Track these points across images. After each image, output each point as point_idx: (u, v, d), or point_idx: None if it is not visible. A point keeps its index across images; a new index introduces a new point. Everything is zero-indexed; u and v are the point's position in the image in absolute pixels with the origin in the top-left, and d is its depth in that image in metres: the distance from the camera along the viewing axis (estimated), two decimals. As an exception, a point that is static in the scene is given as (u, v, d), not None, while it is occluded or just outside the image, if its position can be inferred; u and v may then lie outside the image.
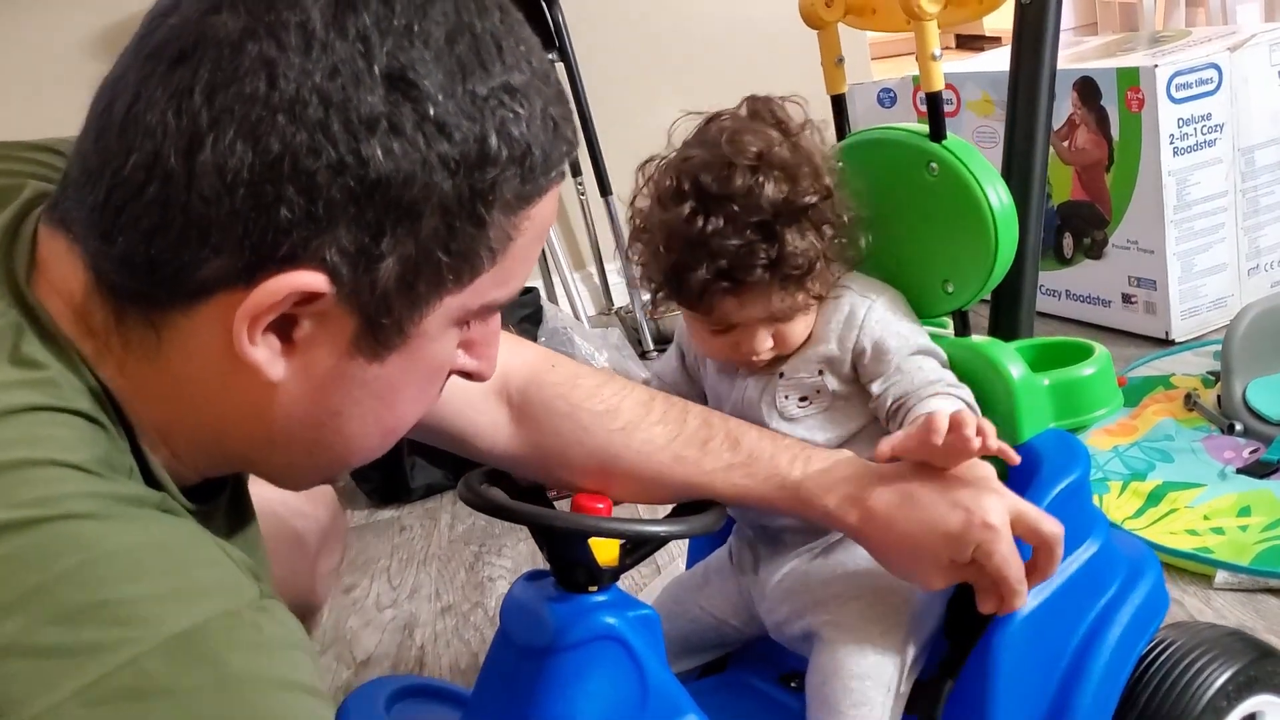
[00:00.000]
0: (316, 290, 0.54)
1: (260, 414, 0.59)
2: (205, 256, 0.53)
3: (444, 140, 0.54)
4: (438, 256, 0.56)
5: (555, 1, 2.76)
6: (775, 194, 0.83)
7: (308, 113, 0.52)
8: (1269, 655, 0.93)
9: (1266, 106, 2.10)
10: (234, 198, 0.52)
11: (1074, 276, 2.27)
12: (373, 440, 0.63)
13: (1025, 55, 0.99)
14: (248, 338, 0.55)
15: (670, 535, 0.79)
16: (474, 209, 0.56)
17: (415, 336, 0.58)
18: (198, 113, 0.52)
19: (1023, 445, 0.88)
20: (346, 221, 0.53)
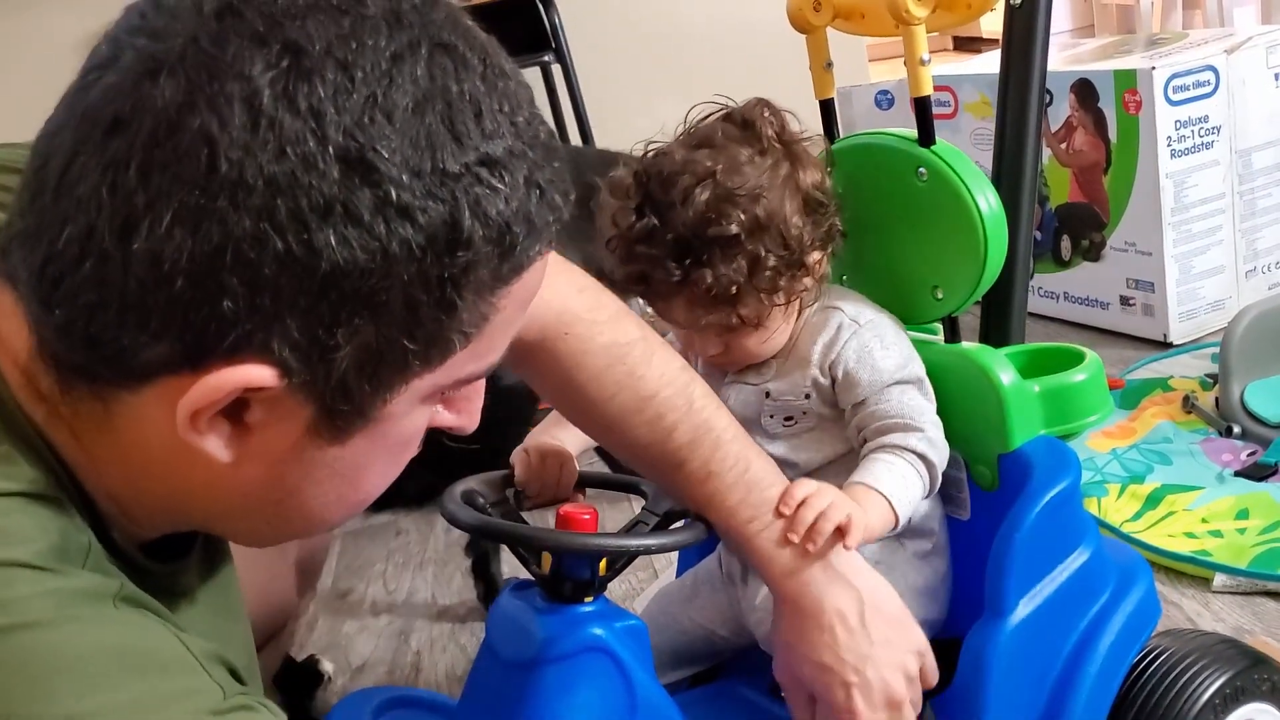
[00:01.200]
0: (263, 385, 0.50)
1: (216, 491, 0.55)
2: (145, 341, 0.49)
3: (407, 225, 0.49)
4: (402, 344, 0.51)
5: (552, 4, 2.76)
6: (693, 218, 0.82)
7: (252, 199, 0.47)
8: (1260, 663, 0.93)
9: (1264, 109, 2.10)
10: (172, 286, 0.48)
11: (1072, 279, 2.27)
12: (337, 514, 0.60)
13: (1015, 59, 0.99)
14: (192, 427, 0.51)
15: (657, 549, 0.78)
16: (443, 294, 0.51)
17: (380, 419, 0.54)
18: (133, 192, 0.47)
19: (1013, 452, 0.88)
20: (297, 313, 0.49)
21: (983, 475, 0.91)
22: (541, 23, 2.75)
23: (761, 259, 0.83)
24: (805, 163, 0.87)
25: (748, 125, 0.86)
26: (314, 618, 1.64)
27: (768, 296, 0.85)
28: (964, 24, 0.88)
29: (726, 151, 0.84)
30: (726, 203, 0.82)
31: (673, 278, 0.83)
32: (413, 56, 0.50)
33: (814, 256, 0.88)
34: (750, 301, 0.85)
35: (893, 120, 2.51)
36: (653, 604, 1.01)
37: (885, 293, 0.94)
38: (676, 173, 0.83)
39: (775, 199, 0.84)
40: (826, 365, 0.89)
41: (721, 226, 0.82)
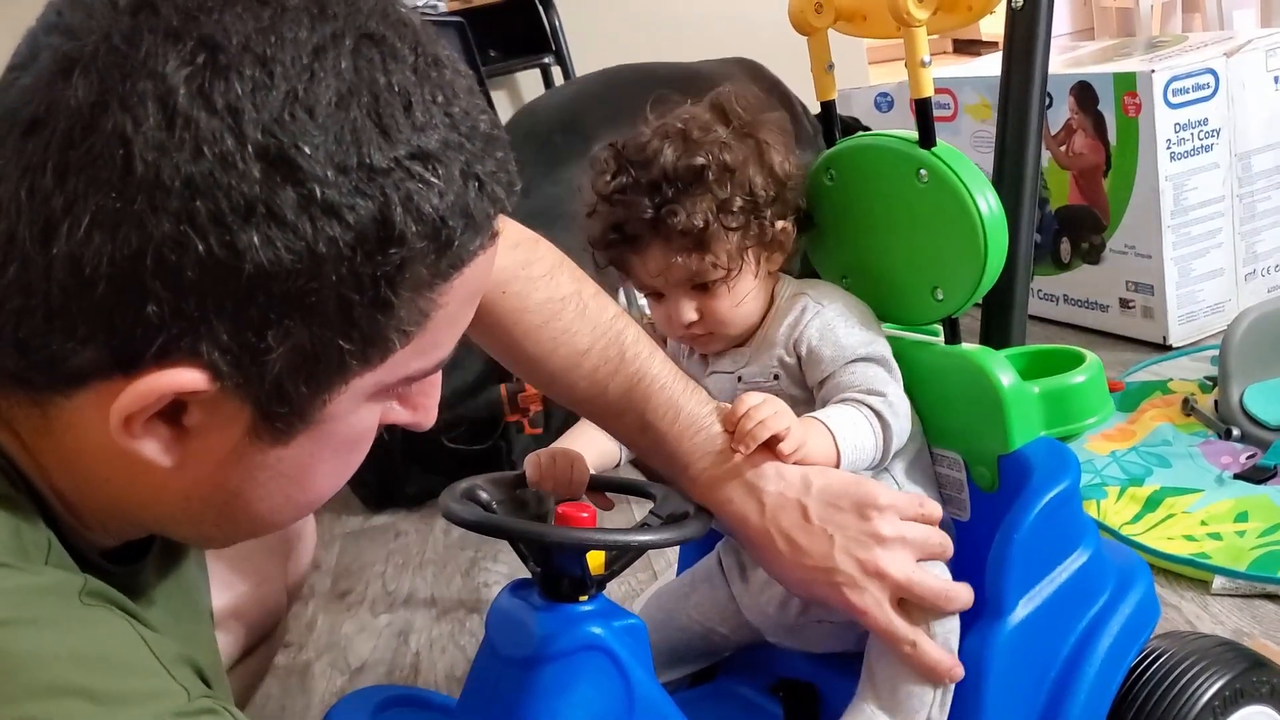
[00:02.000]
0: (195, 389, 0.49)
1: (160, 495, 0.54)
2: (73, 347, 0.48)
3: (334, 223, 0.47)
4: (338, 344, 0.50)
5: (551, 5, 2.77)
6: (664, 163, 0.88)
7: (170, 200, 0.45)
8: (1260, 665, 0.93)
9: (1263, 112, 2.10)
10: (95, 291, 0.46)
11: (1071, 281, 2.27)
12: (285, 515, 0.58)
13: (1016, 62, 0.99)
14: (126, 431, 0.50)
15: (654, 544, 0.79)
16: (377, 292, 0.49)
17: (322, 420, 0.53)
18: (50, 195, 0.46)
19: (1013, 454, 0.88)
20: (224, 317, 0.47)
21: (982, 476, 0.91)
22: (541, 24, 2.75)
23: (729, 200, 0.88)
24: (771, 140, 0.92)
25: (715, 105, 0.93)
26: (313, 618, 1.64)
27: (736, 242, 0.89)
28: (964, 26, 0.88)
29: (695, 118, 0.91)
30: (695, 146, 0.89)
31: (645, 215, 0.88)
32: (336, 49, 0.48)
33: (780, 224, 0.92)
34: (719, 247, 0.89)
35: (892, 122, 2.51)
36: (651, 602, 1.01)
37: (885, 294, 0.94)
38: (648, 137, 0.90)
39: (739, 154, 0.90)
40: (791, 344, 0.91)
41: (690, 162, 0.88)
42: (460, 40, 2.43)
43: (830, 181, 0.96)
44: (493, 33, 2.68)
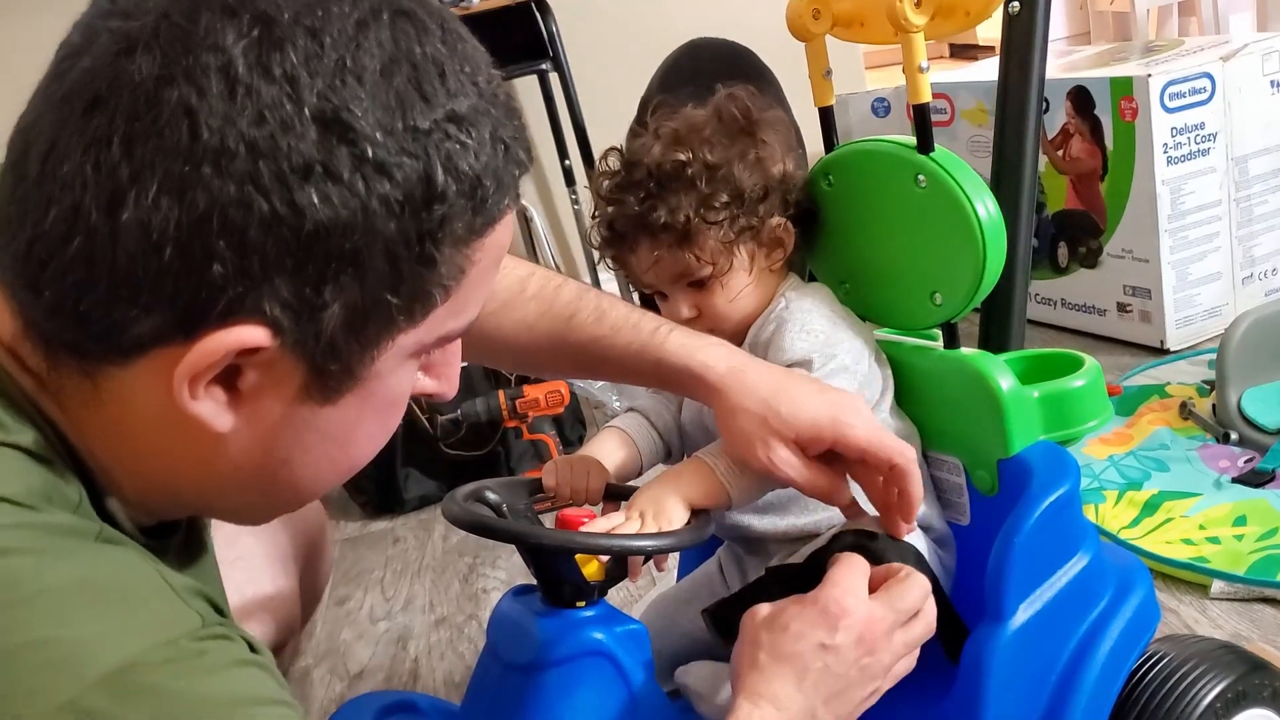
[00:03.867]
0: (258, 345, 0.51)
1: (208, 464, 0.56)
2: (136, 314, 0.50)
3: (385, 181, 0.50)
4: (386, 299, 0.53)
5: (549, 11, 2.77)
6: (650, 160, 0.90)
7: (235, 164, 0.48)
8: (1260, 668, 0.93)
9: (1259, 116, 2.11)
10: (162, 256, 0.49)
11: (1069, 285, 2.27)
12: (328, 480, 0.60)
13: (1014, 66, 0.99)
14: (189, 394, 0.52)
15: (656, 549, 0.78)
16: (423, 248, 0.53)
17: (368, 378, 0.55)
18: (117, 166, 0.48)
19: (1013, 458, 0.88)
20: (285, 274, 0.50)
21: (982, 480, 0.91)
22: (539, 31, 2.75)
23: (711, 196, 0.89)
24: (767, 141, 0.93)
25: (713, 107, 0.94)
26: (313, 625, 1.64)
27: (721, 238, 0.89)
28: (962, 31, 0.88)
29: (689, 119, 0.93)
30: (679, 144, 0.91)
31: (631, 212, 0.89)
32: (376, 22, 0.52)
33: (774, 221, 0.92)
34: (703, 241, 0.90)
35: (889, 128, 2.52)
36: (652, 608, 1.01)
37: (884, 299, 0.94)
38: (644, 138, 0.93)
39: (728, 153, 0.91)
40: (753, 346, 0.92)
41: (672, 158, 0.89)
42: (458, 46, 2.43)
43: (829, 186, 0.96)
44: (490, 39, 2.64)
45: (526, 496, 0.87)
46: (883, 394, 0.93)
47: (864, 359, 0.91)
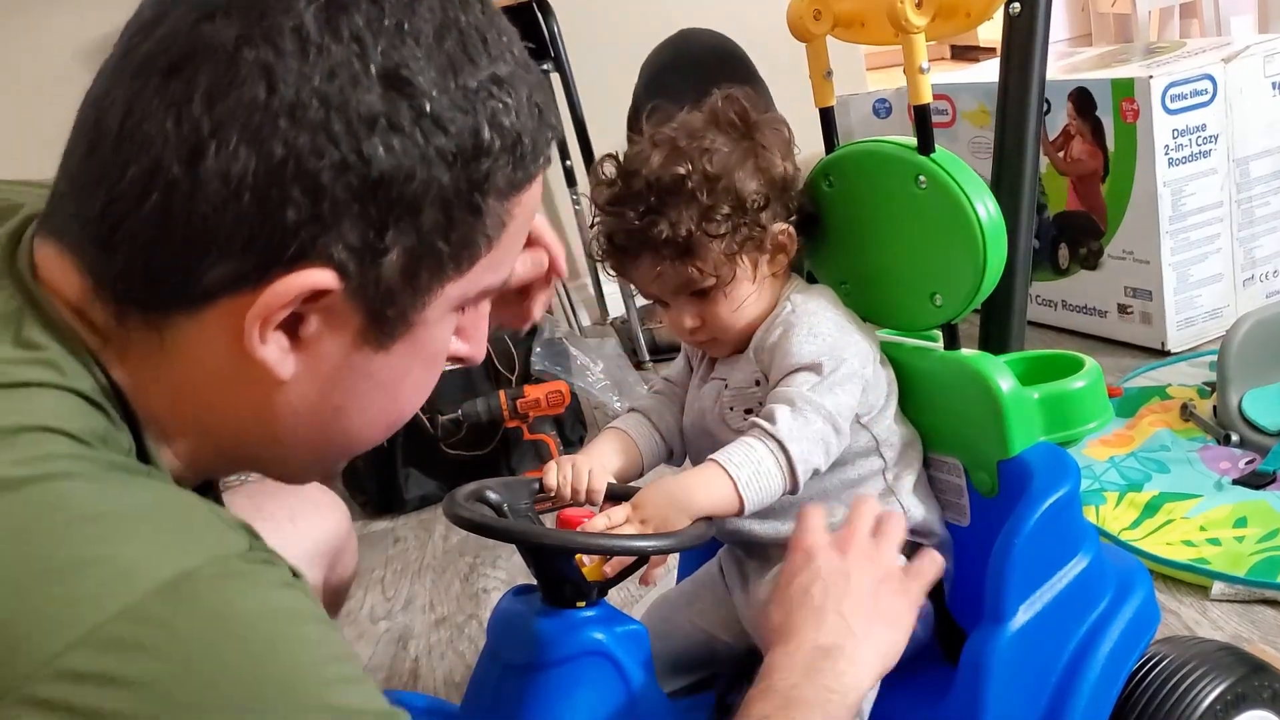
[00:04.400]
0: (326, 287, 0.55)
1: (266, 413, 0.59)
2: (211, 262, 0.54)
3: (441, 134, 0.55)
4: (439, 246, 0.57)
5: (550, 11, 2.77)
6: (649, 173, 0.88)
7: (308, 115, 0.52)
8: (1261, 670, 0.93)
9: (1261, 117, 2.10)
10: (240, 202, 0.53)
11: (1070, 287, 2.27)
12: (378, 431, 0.64)
13: (1014, 67, 0.99)
14: (258, 338, 0.55)
15: (656, 549, 0.78)
16: (471, 198, 0.57)
17: (418, 325, 0.59)
18: (198, 121, 0.52)
19: (1013, 459, 0.88)
20: (351, 218, 0.54)
21: (982, 482, 0.91)
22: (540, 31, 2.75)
23: (712, 208, 0.88)
24: (767, 143, 0.92)
25: (709, 110, 0.92)
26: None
27: (723, 250, 0.88)
28: (963, 32, 0.88)
29: (686, 125, 0.91)
30: (678, 155, 0.89)
31: (632, 226, 0.88)
32: None
33: (777, 227, 0.91)
34: (705, 253, 0.88)
35: (890, 129, 2.52)
36: (652, 610, 1.01)
37: (884, 300, 0.94)
38: (640, 146, 0.91)
39: (727, 160, 0.89)
40: (758, 350, 0.91)
41: (671, 171, 0.88)
42: (459, 47, 2.43)
43: (829, 188, 0.96)
44: (491, 39, 2.68)
45: (527, 497, 0.87)
46: (887, 399, 0.92)
47: (870, 363, 0.90)
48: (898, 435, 0.92)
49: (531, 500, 0.86)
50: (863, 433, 0.90)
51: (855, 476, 0.91)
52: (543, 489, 0.88)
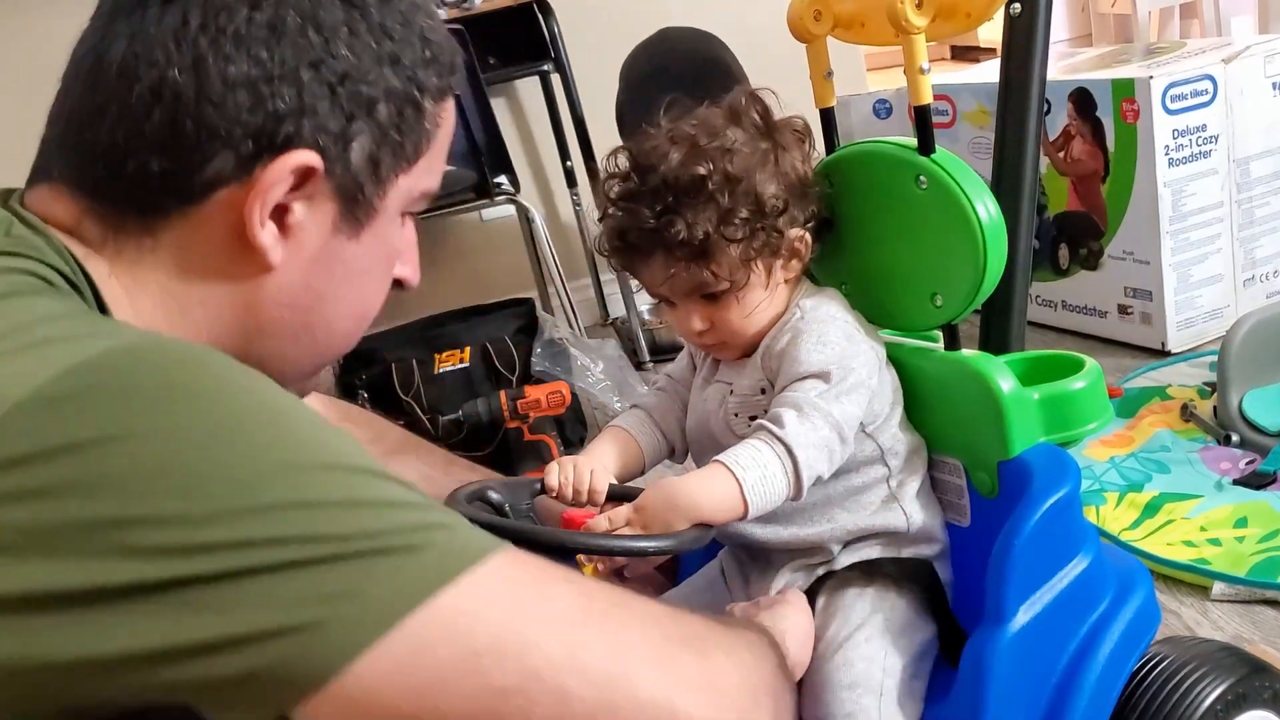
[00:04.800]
0: (312, 165, 0.64)
1: (254, 303, 0.67)
2: (213, 155, 0.63)
3: (388, 41, 0.66)
4: (393, 136, 0.67)
5: (550, 11, 2.77)
6: (667, 170, 0.86)
7: (287, 26, 0.63)
8: (1261, 670, 0.93)
9: (1261, 118, 2.11)
10: (237, 99, 0.62)
11: (1070, 287, 2.27)
12: (349, 323, 0.72)
13: (1014, 67, 0.99)
14: (259, 219, 0.64)
15: (656, 550, 0.78)
16: (412, 95, 0.68)
17: (380, 213, 0.69)
18: (195, 39, 0.62)
19: (1013, 460, 0.88)
20: (326, 108, 0.64)
21: (982, 482, 0.91)
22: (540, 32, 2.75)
23: (731, 210, 0.86)
24: (787, 144, 0.90)
25: (730, 108, 0.91)
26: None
27: (740, 254, 0.87)
28: (963, 33, 0.88)
29: (706, 122, 0.89)
30: (698, 154, 0.87)
31: (647, 225, 0.86)
32: None
33: (794, 233, 0.90)
34: (722, 257, 0.87)
35: (890, 129, 2.52)
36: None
37: (884, 300, 0.94)
38: (658, 141, 0.89)
39: (748, 161, 0.87)
40: (765, 356, 0.90)
41: (692, 171, 0.86)
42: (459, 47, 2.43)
43: (829, 188, 0.96)
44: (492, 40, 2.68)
45: (529, 497, 0.87)
46: (892, 406, 0.91)
47: (876, 371, 0.89)
48: (903, 443, 0.91)
49: (534, 500, 0.86)
50: (868, 441, 0.89)
51: (859, 484, 0.90)
52: (544, 489, 0.88)
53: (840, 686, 0.85)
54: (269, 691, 0.51)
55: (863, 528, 0.90)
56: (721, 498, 0.81)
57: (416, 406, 2.24)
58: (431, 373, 2.26)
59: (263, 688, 0.51)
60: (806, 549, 0.91)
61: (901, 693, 0.86)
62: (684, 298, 0.90)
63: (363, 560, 0.52)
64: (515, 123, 3.03)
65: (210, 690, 0.51)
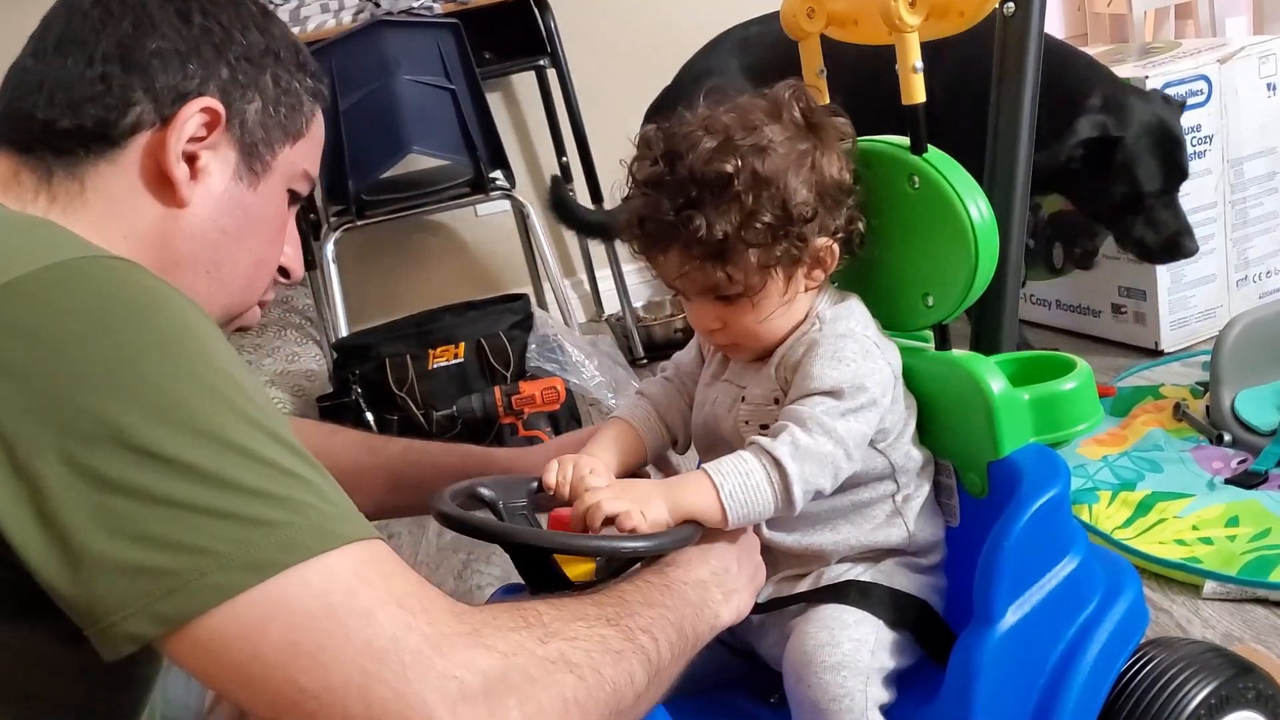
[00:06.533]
0: (217, 109, 0.78)
1: (170, 236, 0.78)
2: (132, 106, 0.76)
3: (272, 39, 0.82)
4: (280, 108, 0.82)
5: (548, 8, 2.76)
6: (694, 161, 0.83)
7: (193, 12, 0.79)
8: (1247, 671, 0.93)
9: (1255, 118, 2.11)
10: (153, 64, 0.77)
11: (1064, 286, 2.28)
12: (249, 266, 0.83)
13: (1008, 68, 0.99)
14: (174, 153, 0.76)
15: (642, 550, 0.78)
16: (291, 83, 0.83)
17: (273, 170, 0.82)
18: (120, 20, 0.77)
19: (1003, 460, 0.88)
20: (227, 75, 0.79)
21: (972, 483, 0.91)
22: (537, 27, 2.75)
23: (755, 213, 0.82)
24: (827, 146, 0.87)
25: (774, 100, 0.87)
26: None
27: (759, 259, 0.84)
28: (956, 32, 0.88)
29: (745, 114, 0.86)
30: (728, 150, 0.83)
31: (666, 217, 0.84)
32: None
33: (820, 242, 0.87)
34: (740, 260, 0.84)
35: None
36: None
37: (876, 300, 0.94)
38: (693, 127, 0.85)
39: (781, 162, 0.84)
40: (780, 366, 0.88)
41: (718, 167, 0.82)
42: (455, 42, 2.42)
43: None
44: (488, 35, 2.67)
45: (526, 495, 0.86)
46: (905, 423, 0.90)
47: (889, 390, 0.87)
48: (914, 460, 0.90)
49: (532, 499, 0.85)
50: (879, 458, 0.88)
51: (865, 499, 0.90)
52: (542, 488, 0.87)
53: (825, 668, 0.84)
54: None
55: (865, 543, 0.90)
56: (702, 501, 0.80)
57: (410, 402, 2.24)
58: (426, 368, 2.26)
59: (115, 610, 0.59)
60: (809, 556, 0.91)
61: (886, 678, 0.86)
62: (698, 295, 0.88)
63: (229, 522, 0.59)
64: (511, 118, 3.02)
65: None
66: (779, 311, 0.87)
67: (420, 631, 0.61)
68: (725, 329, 0.88)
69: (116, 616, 0.58)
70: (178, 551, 0.58)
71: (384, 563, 0.63)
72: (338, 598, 0.60)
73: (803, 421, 0.82)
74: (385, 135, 2.43)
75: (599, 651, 0.67)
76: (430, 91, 2.45)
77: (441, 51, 2.43)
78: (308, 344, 2.76)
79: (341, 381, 2.32)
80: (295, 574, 0.59)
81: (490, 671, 0.61)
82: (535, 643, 0.65)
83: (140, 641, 0.59)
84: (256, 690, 0.59)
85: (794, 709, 0.86)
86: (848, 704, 0.83)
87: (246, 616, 0.59)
